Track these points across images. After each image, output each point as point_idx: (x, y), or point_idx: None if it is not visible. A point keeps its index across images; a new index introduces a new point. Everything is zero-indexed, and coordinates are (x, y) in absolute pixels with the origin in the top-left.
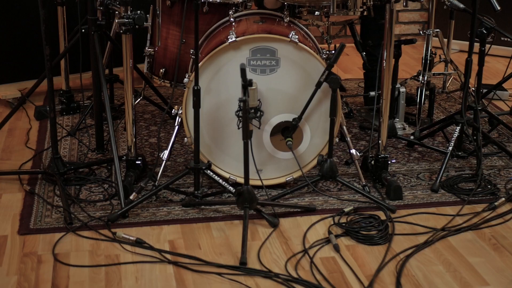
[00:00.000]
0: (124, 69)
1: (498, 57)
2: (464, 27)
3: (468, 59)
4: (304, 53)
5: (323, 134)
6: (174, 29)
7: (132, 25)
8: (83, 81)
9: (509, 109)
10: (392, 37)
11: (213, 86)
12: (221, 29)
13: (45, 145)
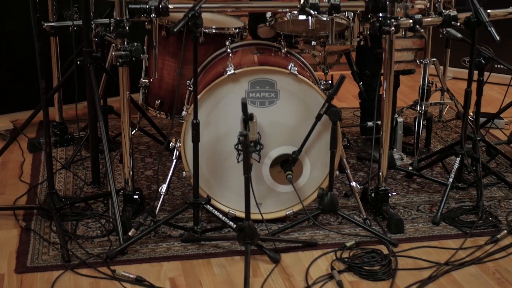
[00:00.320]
0: (121, 102)
1: (492, 84)
2: (457, 54)
3: (467, 89)
4: (304, 85)
5: (323, 166)
6: (169, 60)
7: (129, 58)
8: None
9: (506, 138)
10: (391, 67)
11: (211, 119)
12: (218, 60)
13: (39, 178)
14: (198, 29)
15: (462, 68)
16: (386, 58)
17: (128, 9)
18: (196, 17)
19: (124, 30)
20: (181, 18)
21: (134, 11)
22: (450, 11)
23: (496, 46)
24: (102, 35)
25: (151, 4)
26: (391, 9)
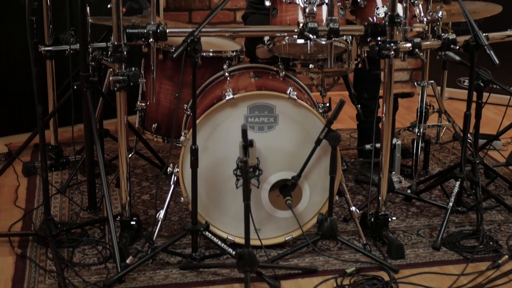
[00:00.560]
0: (118, 127)
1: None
2: (452, 75)
3: (466, 113)
4: (303, 109)
5: (322, 191)
6: (166, 83)
7: (127, 83)
8: (70, 133)
9: (504, 159)
10: (391, 91)
11: (210, 144)
12: (216, 84)
13: (34, 203)
14: (197, 54)
15: (457, 88)
16: (385, 82)
17: (126, 34)
18: (195, 42)
19: (122, 55)
20: (180, 44)
21: (132, 36)
22: (449, 34)
23: (493, 67)
24: (99, 59)
25: (149, 28)
26: (390, 33)
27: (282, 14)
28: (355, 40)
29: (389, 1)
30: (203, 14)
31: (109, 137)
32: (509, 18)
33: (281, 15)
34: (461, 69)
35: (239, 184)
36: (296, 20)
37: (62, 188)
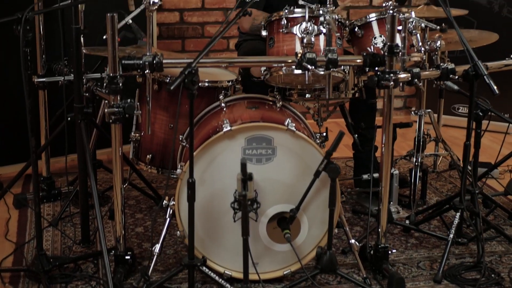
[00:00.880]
0: (113, 159)
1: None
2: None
3: (466, 143)
4: (301, 141)
5: (321, 224)
6: (161, 114)
7: (122, 115)
8: (62, 164)
9: (502, 188)
10: (390, 121)
11: (207, 176)
12: (212, 115)
13: (26, 237)
14: (194, 86)
15: (452, 115)
16: (384, 112)
17: (122, 65)
18: (192, 74)
19: (118, 87)
20: (178, 75)
21: (127, 67)
22: (448, 64)
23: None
24: (93, 90)
25: (145, 59)
26: (389, 64)
27: (279, 44)
28: (352, 69)
29: (388, 31)
30: (196, 42)
31: (102, 168)
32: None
33: (278, 45)
34: (455, 96)
35: (236, 217)
36: (293, 50)
37: (54, 221)
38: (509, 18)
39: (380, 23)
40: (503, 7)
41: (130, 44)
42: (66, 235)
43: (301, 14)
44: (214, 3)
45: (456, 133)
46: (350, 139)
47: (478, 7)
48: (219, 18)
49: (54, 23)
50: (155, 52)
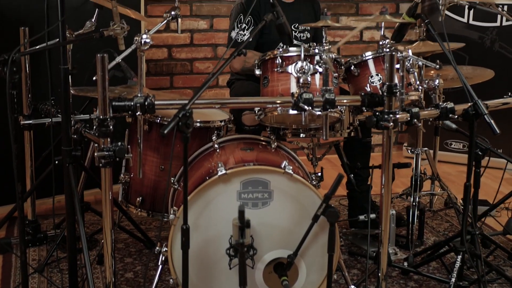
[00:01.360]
0: (103, 204)
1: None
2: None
3: (467, 184)
4: (299, 184)
5: (319, 269)
6: (151, 155)
7: (113, 158)
8: (48, 205)
9: (501, 228)
10: (390, 162)
11: (201, 222)
12: (205, 157)
13: (10, 284)
14: (189, 129)
15: (444, 150)
16: (384, 153)
17: (112, 107)
18: (187, 117)
19: (108, 129)
20: (171, 119)
21: (118, 109)
22: (447, 103)
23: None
24: (82, 131)
25: (137, 101)
26: (388, 104)
27: (274, 84)
28: (347, 108)
29: (387, 71)
30: (184, 78)
31: (90, 210)
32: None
33: (272, 84)
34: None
35: (232, 264)
36: (288, 90)
37: (40, 267)
38: (500, 53)
39: (377, 62)
40: (494, 42)
41: (119, 83)
42: (53, 282)
43: (296, 53)
44: (202, 39)
45: (449, 168)
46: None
47: (470, 42)
48: (208, 54)
49: (40, 60)
50: (147, 93)
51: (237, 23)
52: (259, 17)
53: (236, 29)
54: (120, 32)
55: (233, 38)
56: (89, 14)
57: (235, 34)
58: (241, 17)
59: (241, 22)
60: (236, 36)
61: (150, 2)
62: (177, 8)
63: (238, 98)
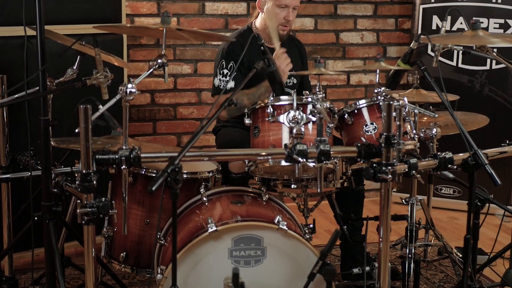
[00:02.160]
0: (86, 263)
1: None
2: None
3: (467, 236)
4: (294, 241)
5: None
6: (136, 208)
7: (96, 215)
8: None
9: (496, 276)
10: (388, 216)
11: (190, 281)
12: (193, 210)
13: None
14: (178, 185)
15: (435, 196)
16: (381, 205)
17: (96, 160)
18: (176, 172)
19: (91, 185)
20: (160, 174)
21: (102, 162)
22: (445, 153)
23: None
24: (63, 185)
25: (122, 154)
26: (386, 155)
27: (265, 134)
28: (341, 158)
29: (384, 121)
30: (168, 124)
31: (71, 266)
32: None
33: (263, 134)
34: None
35: None
36: (280, 140)
37: None
38: (490, 97)
39: (371, 110)
40: (484, 86)
41: (102, 133)
42: None
43: (288, 102)
44: (186, 84)
45: (440, 215)
46: (330, 223)
47: (459, 86)
48: (192, 99)
49: (20, 108)
50: (132, 145)
51: (219, 69)
52: (242, 62)
53: (218, 76)
54: (104, 81)
55: (217, 85)
56: (70, 59)
57: (218, 81)
58: (223, 63)
59: (223, 68)
60: (219, 83)
61: (132, 46)
62: (164, 55)
63: (228, 150)
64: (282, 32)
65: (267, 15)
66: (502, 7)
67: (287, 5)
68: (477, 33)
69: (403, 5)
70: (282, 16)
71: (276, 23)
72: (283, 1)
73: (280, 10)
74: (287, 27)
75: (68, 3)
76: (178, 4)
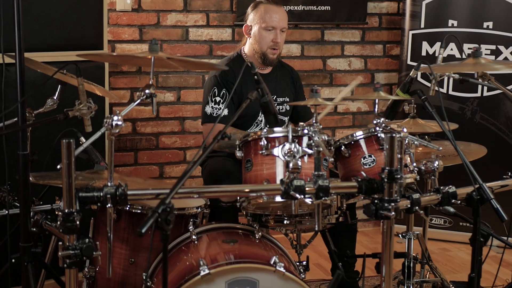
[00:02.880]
0: None
1: (459, 243)
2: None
3: (471, 275)
4: (291, 283)
5: None
6: (120, 247)
7: (79, 258)
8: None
9: None
10: (391, 254)
11: None
12: (183, 249)
13: None
14: (169, 226)
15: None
16: (384, 243)
17: (79, 198)
18: (167, 212)
19: (74, 225)
20: (150, 215)
21: (85, 201)
22: (449, 187)
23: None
24: (43, 224)
25: (107, 191)
26: (389, 191)
27: (258, 168)
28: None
29: (387, 154)
30: (150, 154)
31: None
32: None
33: (256, 168)
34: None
35: None
36: (274, 175)
37: None
38: (482, 125)
39: (369, 142)
40: (475, 113)
41: (84, 168)
42: None
43: (283, 134)
44: (169, 112)
45: (431, 246)
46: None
47: (450, 113)
48: (175, 128)
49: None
50: (119, 182)
51: (211, 97)
52: (235, 91)
53: (210, 103)
54: (87, 112)
55: (209, 113)
56: (49, 88)
57: (210, 109)
58: (215, 90)
59: (216, 96)
60: (211, 111)
61: (113, 73)
62: (151, 85)
63: (220, 186)
64: (272, 56)
65: (254, 39)
66: (493, 33)
67: (274, 27)
68: (479, 60)
69: (391, 31)
70: (270, 39)
71: (265, 46)
72: (269, 23)
73: (268, 33)
74: (277, 49)
75: (48, 29)
76: (161, 30)
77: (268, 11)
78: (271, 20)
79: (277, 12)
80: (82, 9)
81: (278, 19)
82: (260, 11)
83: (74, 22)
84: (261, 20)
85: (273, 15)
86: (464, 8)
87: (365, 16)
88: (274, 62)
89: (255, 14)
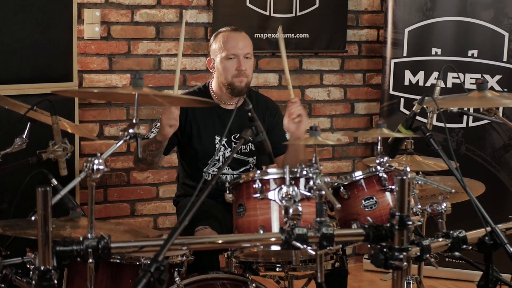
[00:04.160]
0: None
1: (445, 280)
2: None
3: None
4: None
5: None
6: None
7: None
8: None
9: None
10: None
11: None
12: None
13: None
14: (162, 286)
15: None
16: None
17: (56, 253)
18: (160, 271)
19: (51, 283)
20: (142, 275)
21: (63, 255)
22: (458, 232)
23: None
24: (12, 280)
25: (88, 244)
26: (399, 239)
27: (252, 213)
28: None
29: (397, 198)
30: (120, 191)
31: None
32: None
33: (249, 214)
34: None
35: None
36: (269, 220)
37: None
38: (467, 156)
39: (369, 182)
40: (461, 144)
41: (58, 215)
42: None
43: (279, 176)
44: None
45: (426, 283)
46: None
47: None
48: None
49: None
50: (101, 233)
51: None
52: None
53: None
54: (62, 154)
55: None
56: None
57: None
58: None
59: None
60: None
61: (81, 106)
62: (136, 124)
63: (211, 237)
64: (239, 84)
65: (218, 72)
66: (478, 61)
67: (235, 55)
68: (485, 94)
69: (371, 59)
70: (234, 67)
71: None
72: (230, 50)
73: (230, 62)
74: (243, 77)
75: (13, 60)
76: (132, 59)
77: (228, 39)
78: (231, 48)
79: (237, 38)
80: (50, 39)
81: (239, 46)
82: (219, 41)
83: (42, 52)
84: (221, 50)
85: (233, 42)
86: (448, 36)
87: (345, 44)
88: (244, 91)
89: (215, 44)
